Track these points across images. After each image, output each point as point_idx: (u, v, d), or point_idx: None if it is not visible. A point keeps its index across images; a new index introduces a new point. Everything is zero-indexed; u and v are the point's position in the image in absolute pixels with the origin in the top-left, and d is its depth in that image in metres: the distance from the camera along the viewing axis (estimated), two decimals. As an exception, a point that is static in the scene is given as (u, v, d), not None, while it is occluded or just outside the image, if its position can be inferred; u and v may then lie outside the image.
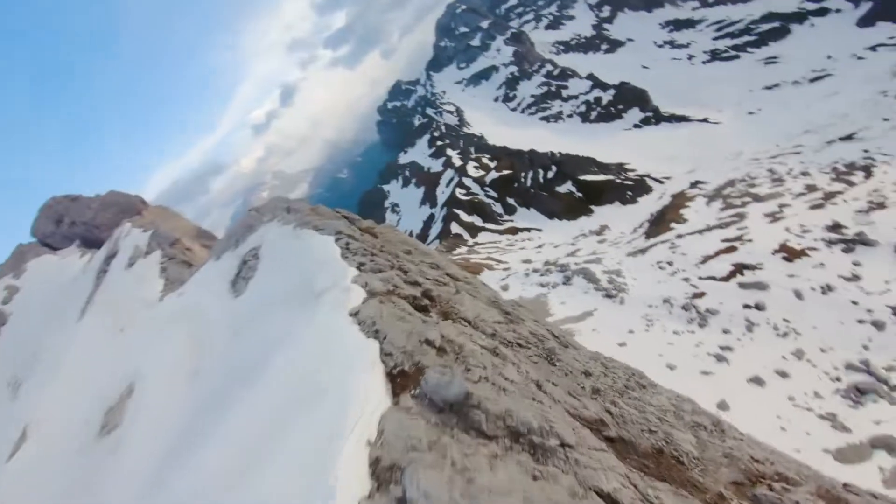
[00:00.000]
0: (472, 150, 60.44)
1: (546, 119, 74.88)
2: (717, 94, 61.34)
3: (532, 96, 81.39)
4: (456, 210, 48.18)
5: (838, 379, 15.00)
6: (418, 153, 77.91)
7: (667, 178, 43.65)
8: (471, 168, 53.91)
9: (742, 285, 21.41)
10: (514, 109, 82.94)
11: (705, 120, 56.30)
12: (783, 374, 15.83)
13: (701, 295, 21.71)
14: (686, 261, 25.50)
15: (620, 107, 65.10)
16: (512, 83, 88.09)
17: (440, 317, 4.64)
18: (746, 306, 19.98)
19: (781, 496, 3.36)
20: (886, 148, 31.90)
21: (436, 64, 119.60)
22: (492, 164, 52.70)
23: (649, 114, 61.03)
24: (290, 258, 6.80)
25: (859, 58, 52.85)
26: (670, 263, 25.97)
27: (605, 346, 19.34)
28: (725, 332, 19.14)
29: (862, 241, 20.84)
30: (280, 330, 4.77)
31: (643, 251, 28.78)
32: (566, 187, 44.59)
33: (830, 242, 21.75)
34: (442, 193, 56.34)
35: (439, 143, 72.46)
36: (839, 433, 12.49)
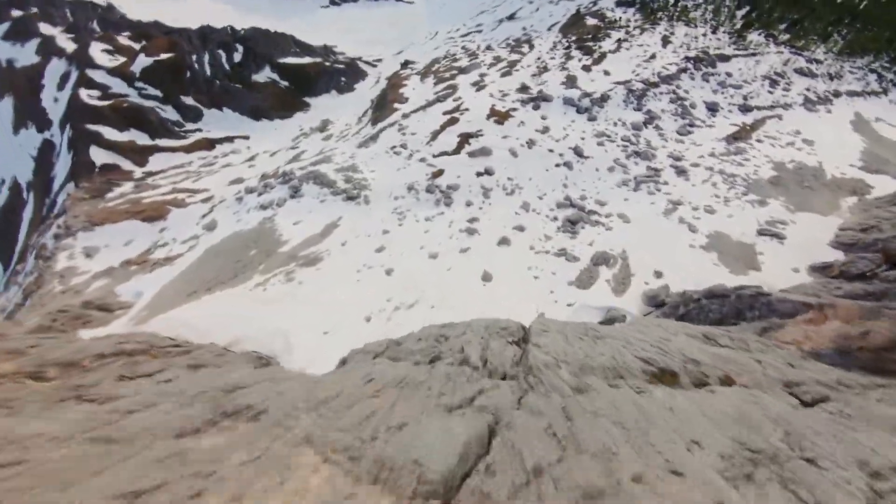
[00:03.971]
0: (95, 25, 39.76)
1: (214, -13, 58.20)
2: (403, -29, 62.65)
3: (181, -51, 60.28)
4: (91, 126, 31.36)
5: (556, 218, 17.81)
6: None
7: (378, 60, 42.33)
8: (98, 54, 35.39)
9: (471, 154, 22.64)
10: (156, -32, 59.78)
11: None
12: (520, 228, 17.55)
13: (440, 173, 21.74)
14: (417, 140, 25.11)
15: (309, -24, 57.19)
16: (139, -77, 61.79)
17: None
18: (479, 174, 21.29)
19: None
20: (536, 26, 40.38)
21: None
22: (137, 47, 36.12)
23: (344, -12, 56.47)
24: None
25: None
26: (404, 146, 25.05)
27: (363, 256, 16.64)
28: (469, 204, 19.86)
29: (543, 97, 25.28)
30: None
31: (374, 138, 26.78)
32: (265, 75, 36.05)
33: (523, 102, 25.54)
34: (55, 102, 35.66)
35: (18, 13, 44.27)
36: (572, 263, 14.54)
